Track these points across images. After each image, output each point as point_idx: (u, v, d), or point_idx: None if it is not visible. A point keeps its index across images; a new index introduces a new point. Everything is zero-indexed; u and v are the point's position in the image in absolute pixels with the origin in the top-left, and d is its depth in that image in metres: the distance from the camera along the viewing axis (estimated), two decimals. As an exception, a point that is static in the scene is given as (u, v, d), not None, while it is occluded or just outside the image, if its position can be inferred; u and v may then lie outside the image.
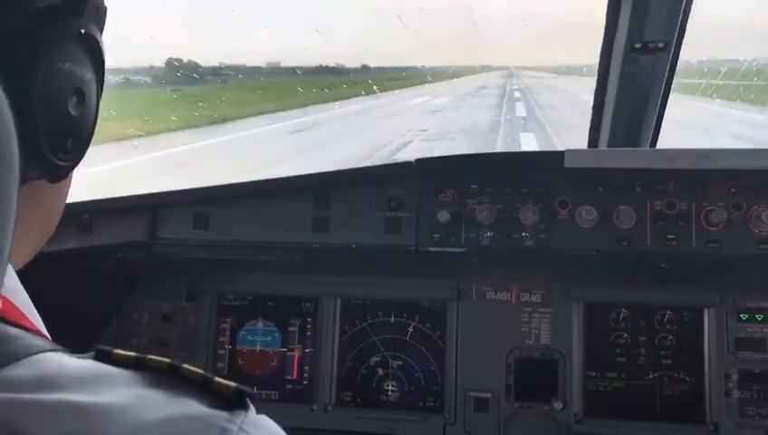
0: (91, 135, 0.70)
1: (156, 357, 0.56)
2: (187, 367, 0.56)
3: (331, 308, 2.14)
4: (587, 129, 2.22)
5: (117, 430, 0.48)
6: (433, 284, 2.10)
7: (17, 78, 0.53)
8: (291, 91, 17.05)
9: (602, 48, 2.00)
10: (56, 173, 0.65)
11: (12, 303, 0.58)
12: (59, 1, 0.63)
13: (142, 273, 2.20)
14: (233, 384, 0.56)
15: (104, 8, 0.71)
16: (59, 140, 0.64)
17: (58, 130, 0.63)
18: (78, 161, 0.69)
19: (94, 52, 0.68)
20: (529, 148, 10.75)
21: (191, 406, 0.53)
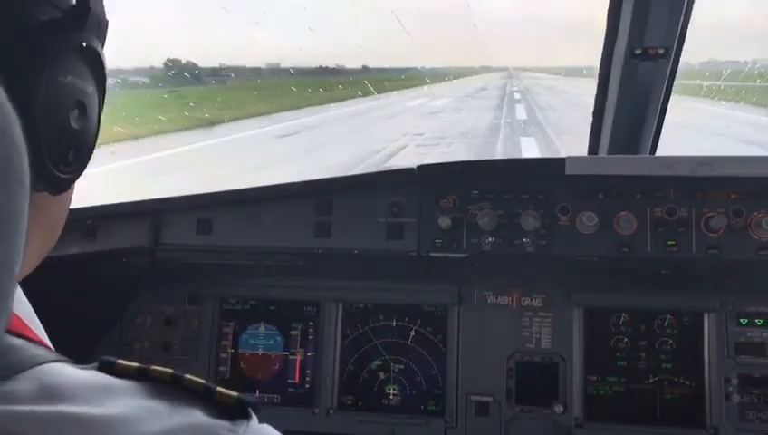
0: (92, 147, 0.70)
1: (159, 368, 0.57)
2: (189, 377, 0.57)
3: (333, 312, 2.15)
4: (587, 133, 2.23)
5: None
6: (434, 288, 2.11)
7: (19, 91, 0.53)
8: (288, 93, 16.87)
9: (603, 54, 2.01)
10: (58, 185, 0.65)
11: (15, 313, 0.58)
12: (61, 14, 0.63)
13: (145, 277, 2.20)
14: (235, 394, 0.57)
15: (106, 21, 0.71)
16: (61, 153, 0.64)
17: (60, 142, 0.63)
18: (80, 174, 0.69)
19: (96, 65, 0.68)
20: (529, 153, 10.56)
21: (194, 416, 0.54)
